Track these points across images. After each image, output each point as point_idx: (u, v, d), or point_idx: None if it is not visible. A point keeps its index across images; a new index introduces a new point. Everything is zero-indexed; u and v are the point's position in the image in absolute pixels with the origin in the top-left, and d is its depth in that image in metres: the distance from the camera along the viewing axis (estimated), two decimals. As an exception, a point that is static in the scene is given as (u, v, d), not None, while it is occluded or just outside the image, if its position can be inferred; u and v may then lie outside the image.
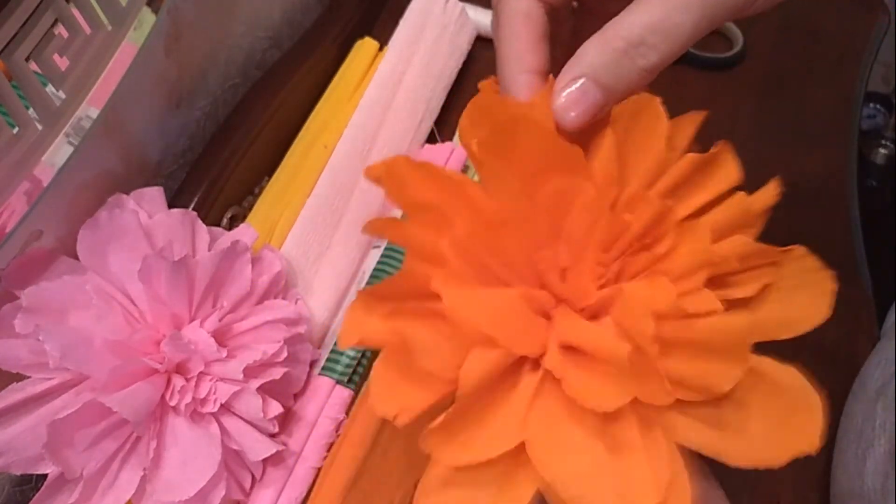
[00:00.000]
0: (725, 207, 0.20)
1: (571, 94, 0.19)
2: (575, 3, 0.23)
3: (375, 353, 0.36)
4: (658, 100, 0.20)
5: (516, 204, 0.19)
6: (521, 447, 0.18)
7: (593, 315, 0.19)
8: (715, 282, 0.19)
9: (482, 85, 0.21)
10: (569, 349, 0.19)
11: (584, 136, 0.20)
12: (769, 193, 0.19)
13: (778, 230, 0.21)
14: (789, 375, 0.18)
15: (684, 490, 0.17)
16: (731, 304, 0.19)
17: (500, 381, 0.19)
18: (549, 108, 0.19)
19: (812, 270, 0.19)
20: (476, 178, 0.20)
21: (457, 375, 0.17)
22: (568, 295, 0.19)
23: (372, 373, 0.18)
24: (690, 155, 0.20)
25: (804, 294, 0.19)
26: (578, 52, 0.19)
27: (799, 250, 0.19)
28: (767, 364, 0.18)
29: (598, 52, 0.19)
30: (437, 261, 0.18)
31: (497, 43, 0.21)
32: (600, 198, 0.19)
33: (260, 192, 0.39)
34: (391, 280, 0.19)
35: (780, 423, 0.18)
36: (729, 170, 0.20)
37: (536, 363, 0.19)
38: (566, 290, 0.19)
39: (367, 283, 0.36)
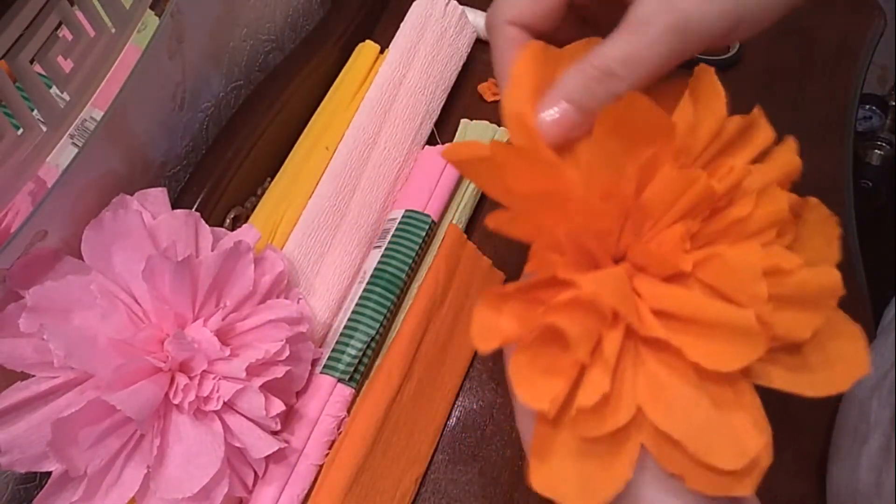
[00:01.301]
0: (777, 166, 0.21)
1: (553, 116, 0.21)
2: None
3: (376, 353, 0.36)
4: (712, 70, 0.21)
5: (609, 182, 0.20)
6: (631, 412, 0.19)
7: (673, 280, 0.20)
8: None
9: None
10: (659, 314, 0.20)
11: (665, 103, 0.21)
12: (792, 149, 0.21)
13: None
14: (835, 314, 0.20)
15: (769, 432, 0.19)
16: None
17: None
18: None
19: (824, 218, 0.21)
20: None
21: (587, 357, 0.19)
22: (652, 263, 0.20)
23: (512, 372, 0.19)
24: (736, 118, 0.21)
25: (819, 241, 0.21)
26: (561, 77, 0.21)
27: (813, 200, 0.21)
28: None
29: (574, 79, 0.21)
30: (556, 249, 0.19)
31: (494, 67, 0.23)
32: (683, 166, 0.20)
33: (262, 193, 0.40)
34: (513, 283, 0.20)
35: (839, 356, 0.20)
36: (766, 129, 0.21)
37: (628, 333, 0.20)
38: (650, 260, 0.20)
39: (368, 283, 0.37)
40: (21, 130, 0.28)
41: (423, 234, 0.38)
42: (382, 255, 0.37)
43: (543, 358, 0.19)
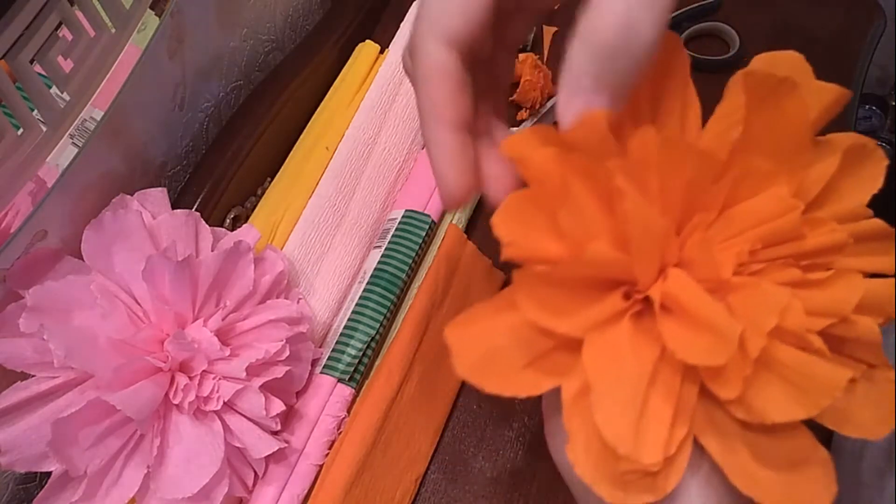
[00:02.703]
0: (878, 284, 0.19)
1: (578, 116, 0.18)
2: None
3: (376, 353, 0.36)
4: (885, 161, 0.20)
5: (718, 151, 0.18)
6: (580, 348, 0.18)
7: (708, 290, 0.19)
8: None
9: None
10: (668, 305, 0.19)
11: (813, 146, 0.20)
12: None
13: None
14: (806, 436, 0.19)
15: (680, 467, 0.18)
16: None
17: (599, 284, 0.19)
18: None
19: (892, 399, 0.19)
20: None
21: (578, 251, 0.18)
22: (699, 260, 0.19)
23: (509, 197, 0.18)
24: (878, 221, 0.20)
25: (874, 410, 0.19)
26: (567, 63, 0.18)
27: (893, 375, 0.19)
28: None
29: (586, 56, 0.17)
30: (623, 153, 0.18)
31: (416, 93, 0.20)
32: (792, 203, 0.18)
33: (262, 193, 0.40)
34: (576, 129, 0.18)
35: (789, 474, 0.18)
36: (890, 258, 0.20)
37: (630, 293, 0.19)
38: (701, 254, 0.19)
39: (368, 283, 0.37)
40: (21, 130, 0.28)
41: (423, 234, 0.38)
42: (382, 255, 0.37)
43: (549, 217, 0.18)
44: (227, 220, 0.38)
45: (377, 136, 0.40)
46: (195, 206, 0.37)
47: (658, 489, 0.18)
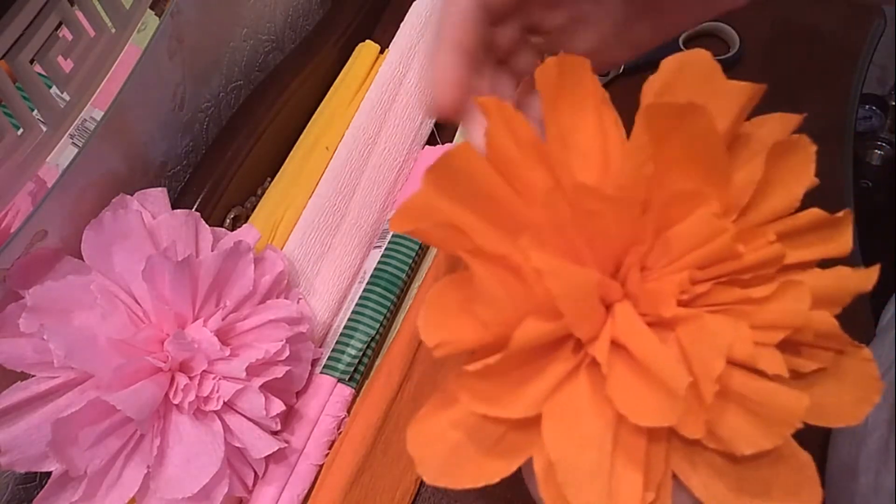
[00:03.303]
0: (827, 277, 0.19)
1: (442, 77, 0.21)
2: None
3: (376, 353, 0.36)
4: (812, 148, 0.19)
5: (635, 190, 0.18)
6: (536, 419, 0.18)
7: (655, 324, 0.19)
8: (779, 344, 0.18)
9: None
10: (619, 346, 0.18)
11: (735, 151, 0.19)
12: (869, 279, 0.19)
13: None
14: (801, 456, 0.18)
15: None
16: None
17: (541, 350, 0.19)
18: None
19: (868, 377, 0.19)
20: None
21: (507, 331, 0.17)
22: (641, 296, 0.19)
23: (429, 295, 0.18)
24: (815, 211, 0.19)
25: (851, 394, 0.19)
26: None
27: (866, 353, 0.19)
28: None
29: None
30: (533, 214, 0.18)
31: (435, 41, 0.22)
32: (722, 217, 0.18)
33: (262, 193, 0.40)
34: (481, 192, 0.18)
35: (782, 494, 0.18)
36: (843, 240, 0.19)
37: (579, 344, 0.19)
38: (642, 291, 0.19)
39: (368, 283, 0.37)
40: (21, 130, 0.28)
41: (423, 234, 0.38)
42: (382, 255, 0.37)
43: (470, 305, 0.18)
44: (227, 220, 0.38)
45: (377, 137, 0.40)
46: (195, 206, 0.37)
47: None
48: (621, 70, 0.46)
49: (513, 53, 0.24)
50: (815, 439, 0.34)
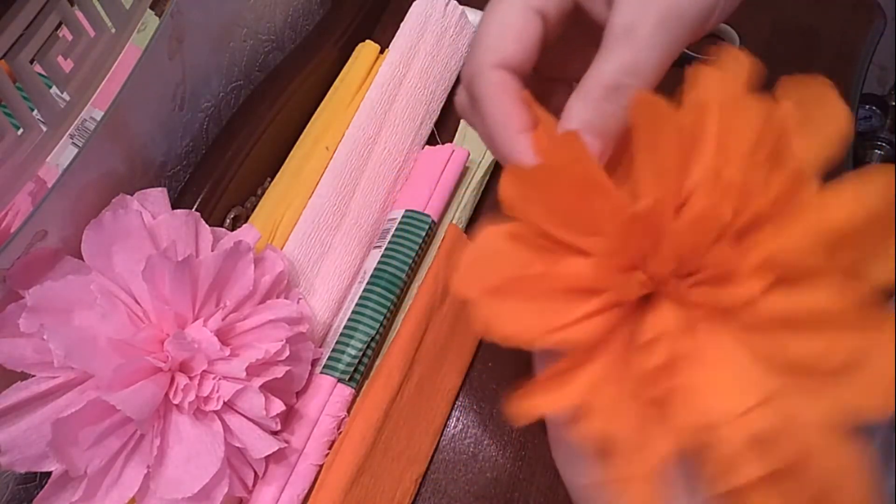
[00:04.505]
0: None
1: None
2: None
3: (376, 353, 0.36)
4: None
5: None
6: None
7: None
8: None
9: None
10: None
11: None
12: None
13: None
14: None
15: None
16: None
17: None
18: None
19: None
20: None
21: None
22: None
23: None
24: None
25: None
26: (565, 111, 0.21)
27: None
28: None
29: (582, 106, 0.20)
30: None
31: (481, 118, 0.22)
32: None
33: (262, 193, 0.40)
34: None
35: None
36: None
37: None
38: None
39: (368, 283, 0.37)
40: (21, 130, 0.28)
41: (423, 234, 0.38)
42: (382, 255, 0.37)
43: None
44: (227, 220, 0.38)
45: (377, 136, 0.40)
46: (195, 206, 0.37)
47: None
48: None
49: (544, 98, 0.24)
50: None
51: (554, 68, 0.24)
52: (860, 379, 0.18)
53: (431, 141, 0.43)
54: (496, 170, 0.42)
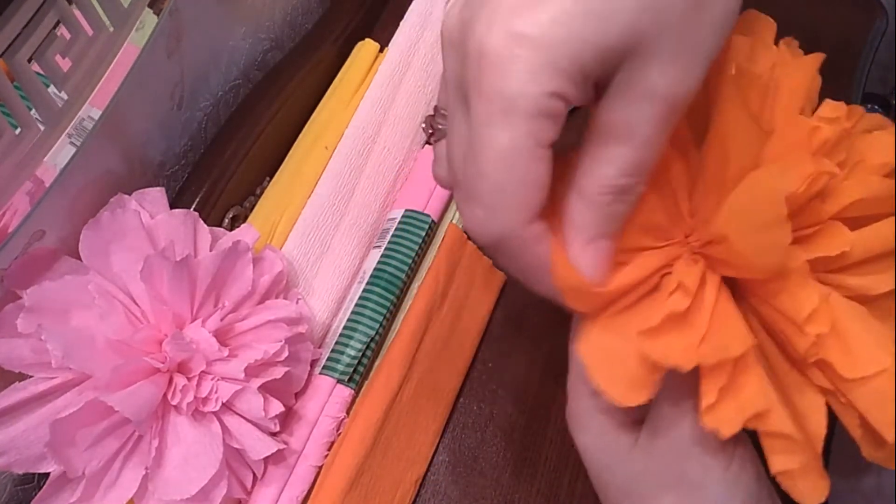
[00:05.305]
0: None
1: (590, 261, 0.20)
2: None
3: (376, 354, 0.36)
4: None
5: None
6: None
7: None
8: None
9: None
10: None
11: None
12: None
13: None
14: None
15: None
16: None
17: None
18: None
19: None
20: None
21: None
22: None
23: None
24: None
25: None
26: (568, 218, 0.20)
27: None
28: None
29: (590, 214, 0.19)
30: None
31: (520, 270, 0.20)
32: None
33: (261, 193, 0.39)
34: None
35: None
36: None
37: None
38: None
39: (368, 283, 0.37)
40: (19, 130, 0.28)
41: (423, 233, 0.38)
42: (382, 255, 0.37)
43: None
44: (226, 220, 0.38)
45: (377, 136, 0.40)
46: (193, 206, 0.36)
47: None
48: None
49: None
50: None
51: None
52: None
53: (431, 140, 0.43)
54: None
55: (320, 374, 0.34)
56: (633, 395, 0.19)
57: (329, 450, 0.33)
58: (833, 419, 0.21)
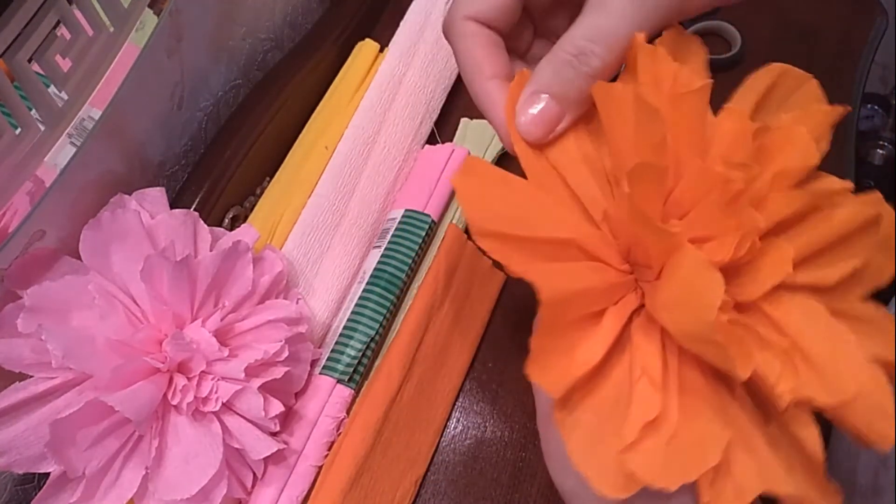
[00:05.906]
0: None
1: (532, 113, 0.21)
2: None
3: (376, 354, 0.36)
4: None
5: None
6: None
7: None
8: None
9: None
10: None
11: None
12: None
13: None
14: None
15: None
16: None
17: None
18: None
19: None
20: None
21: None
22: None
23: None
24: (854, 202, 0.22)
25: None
26: (534, 72, 0.22)
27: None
28: None
29: (546, 69, 0.21)
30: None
31: (459, 65, 0.24)
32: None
33: (261, 193, 0.39)
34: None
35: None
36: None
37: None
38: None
39: (368, 283, 0.37)
40: (19, 130, 0.28)
41: (423, 233, 0.38)
42: (382, 255, 0.37)
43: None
44: (226, 220, 0.38)
45: (377, 136, 0.40)
46: (194, 206, 0.36)
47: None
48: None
49: (530, 49, 0.25)
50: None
51: (548, 28, 0.25)
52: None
53: (431, 140, 0.43)
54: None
55: (320, 374, 0.34)
56: (621, 492, 0.19)
57: (329, 450, 0.33)
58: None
